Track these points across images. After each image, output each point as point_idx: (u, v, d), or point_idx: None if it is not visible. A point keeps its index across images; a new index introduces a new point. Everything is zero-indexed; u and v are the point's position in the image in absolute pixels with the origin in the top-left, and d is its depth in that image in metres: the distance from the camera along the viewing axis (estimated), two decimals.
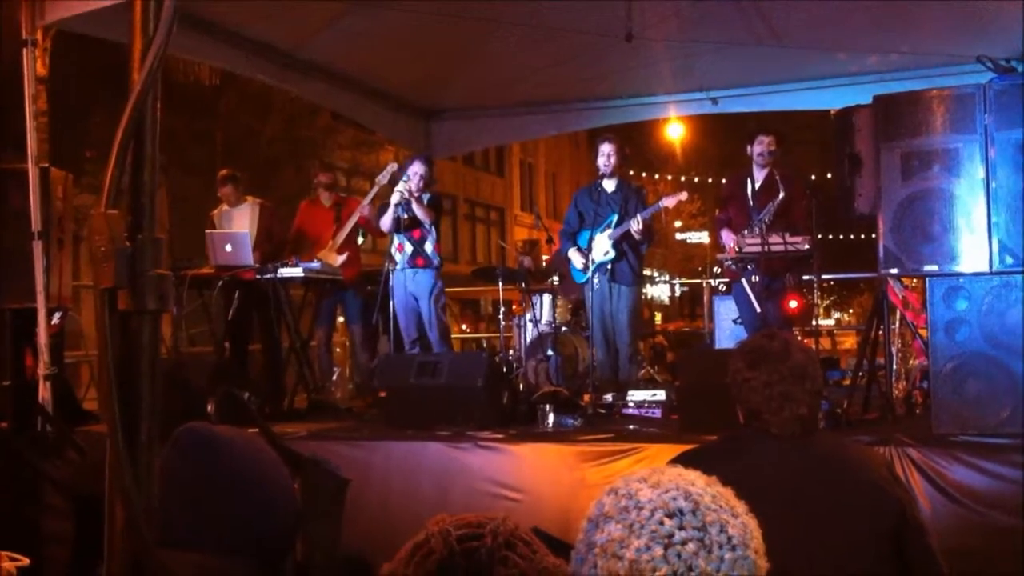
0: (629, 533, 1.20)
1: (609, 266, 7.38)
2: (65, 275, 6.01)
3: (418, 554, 1.31)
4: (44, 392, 5.61)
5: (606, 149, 7.47)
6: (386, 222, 7.67)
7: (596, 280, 7.35)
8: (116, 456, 0.91)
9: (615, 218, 7.41)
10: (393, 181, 7.75)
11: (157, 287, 0.98)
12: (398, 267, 7.70)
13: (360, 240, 8.67)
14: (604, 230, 7.40)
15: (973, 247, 5.04)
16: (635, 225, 7.25)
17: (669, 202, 7.62)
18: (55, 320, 5.87)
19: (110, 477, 0.92)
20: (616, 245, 7.38)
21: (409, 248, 7.70)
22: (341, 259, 7.95)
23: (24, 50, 5.68)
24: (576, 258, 7.50)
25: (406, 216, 7.63)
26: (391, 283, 7.69)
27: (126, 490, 0.90)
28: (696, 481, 1.27)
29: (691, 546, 1.18)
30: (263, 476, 1.84)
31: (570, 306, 8.50)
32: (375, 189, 8.00)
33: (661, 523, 1.20)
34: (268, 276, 7.26)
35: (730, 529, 1.21)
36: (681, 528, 1.20)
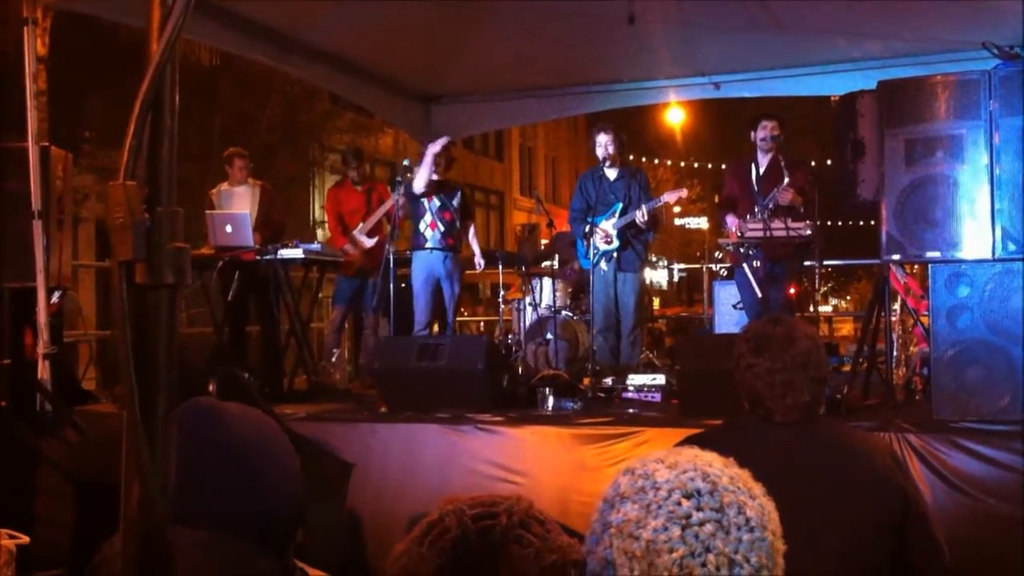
0: (646, 513, 1.19)
1: (615, 254, 7.38)
2: (64, 254, 6.00)
3: (432, 532, 1.30)
4: (43, 371, 5.62)
5: (602, 139, 7.45)
6: (420, 181, 7.67)
7: (603, 266, 7.34)
8: (133, 432, 0.90)
9: (620, 207, 7.40)
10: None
11: (175, 260, 0.96)
12: (428, 243, 7.72)
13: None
14: (609, 218, 7.38)
15: (976, 233, 5.03)
16: (640, 216, 7.26)
17: (670, 198, 7.63)
18: (54, 299, 5.86)
19: (126, 453, 0.91)
20: (621, 234, 7.37)
21: (442, 227, 7.74)
22: (371, 242, 8.02)
23: (25, 29, 5.67)
24: (599, 238, 7.44)
25: (439, 202, 7.71)
26: (412, 264, 7.83)
27: (143, 467, 0.89)
28: (713, 462, 1.26)
29: (709, 527, 1.18)
30: (268, 453, 1.81)
31: (570, 290, 8.50)
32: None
33: (678, 504, 1.19)
34: (268, 257, 7.26)
35: (748, 511, 1.21)
36: (699, 509, 1.19)
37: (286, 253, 7.28)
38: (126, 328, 0.91)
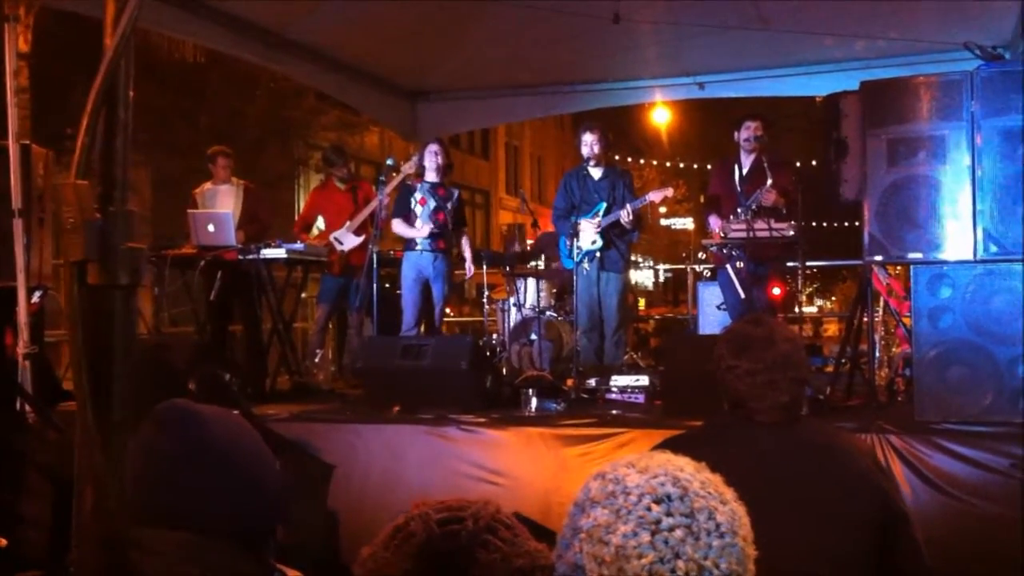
0: (616, 518, 1.18)
1: (598, 253, 7.36)
2: (45, 253, 5.96)
3: (398, 537, 1.29)
4: (23, 371, 5.57)
5: (588, 138, 7.43)
6: (423, 230, 7.65)
7: (586, 266, 7.32)
8: (85, 436, 0.88)
9: (603, 206, 7.38)
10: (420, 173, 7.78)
11: (129, 261, 0.94)
12: (417, 247, 7.68)
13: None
14: (592, 217, 7.37)
15: (958, 235, 5.04)
16: (625, 216, 7.23)
17: (655, 197, 7.59)
18: (35, 299, 5.82)
19: (79, 457, 0.89)
20: (604, 233, 7.35)
21: (434, 230, 7.69)
22: (358, 240, 7.97)
23: (5, 25, 5.62)
24: (583, 236, 7.41)
25: (434, 204, 7.64)
26: (402, 263, 7.78)
27: (96, 471, 0.87)
28: (685, 467, 1.25)
29: (679, 532, 1.16)
30: (247, 454, 1.81)
31: (554, 290, 8.48)
32: (397, 179, 7.80)
33: (648, 509, 1.18)
34: (251, 257, 7.22)
35: (718, 516, 1.19)
36: (669, 514, 1.17)
37: (268, 252, 7.25)
38: (77, 330, 0.88)
